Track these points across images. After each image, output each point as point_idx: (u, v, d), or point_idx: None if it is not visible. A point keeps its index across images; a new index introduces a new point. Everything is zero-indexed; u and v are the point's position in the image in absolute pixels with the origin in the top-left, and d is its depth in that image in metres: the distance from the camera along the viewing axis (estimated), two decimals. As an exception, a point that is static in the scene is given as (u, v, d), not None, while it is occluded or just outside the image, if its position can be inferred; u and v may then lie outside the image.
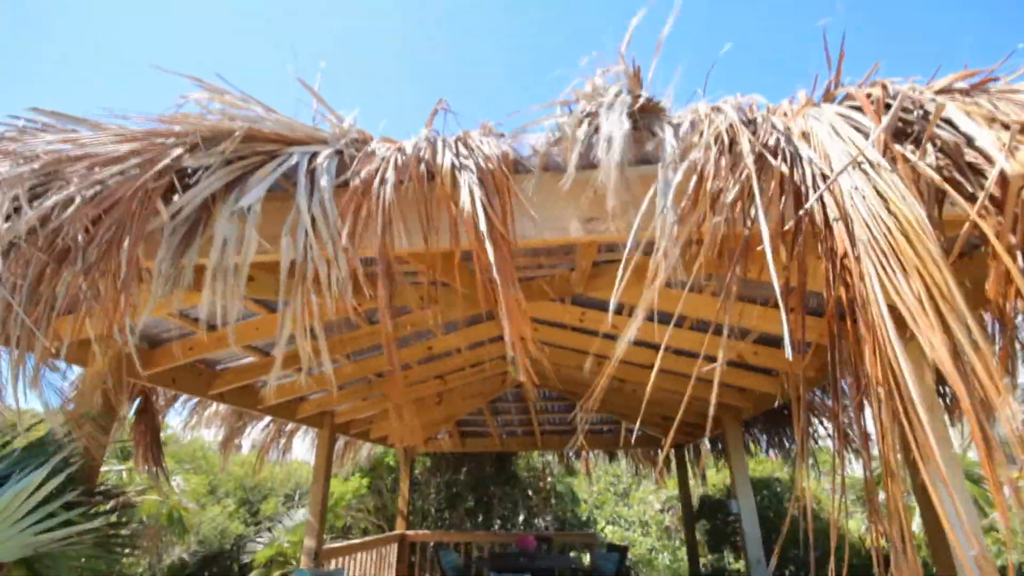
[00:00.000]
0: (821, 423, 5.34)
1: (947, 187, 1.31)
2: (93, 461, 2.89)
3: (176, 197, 1.34)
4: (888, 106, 1.24)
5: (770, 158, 1.36)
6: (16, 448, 2.60)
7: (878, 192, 1.19)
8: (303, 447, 7.27)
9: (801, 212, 1.47)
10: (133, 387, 3.96)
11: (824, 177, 1.45)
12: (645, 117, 1.41)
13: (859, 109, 1.34)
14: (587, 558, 9.53)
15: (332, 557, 6.39)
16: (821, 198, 1.42)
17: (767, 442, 6.35)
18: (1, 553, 2.24)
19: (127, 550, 3.04)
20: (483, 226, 1.26)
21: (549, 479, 11.74)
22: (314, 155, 1.44)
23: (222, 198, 1.38)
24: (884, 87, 1.34)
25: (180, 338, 3.77)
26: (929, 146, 1.23)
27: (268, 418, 6.04)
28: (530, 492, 11.54)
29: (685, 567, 10.87)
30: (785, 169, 1.35)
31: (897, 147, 1.36)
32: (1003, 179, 1.19)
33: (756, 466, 10.92)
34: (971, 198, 1.21)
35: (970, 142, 1.18)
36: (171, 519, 7.11)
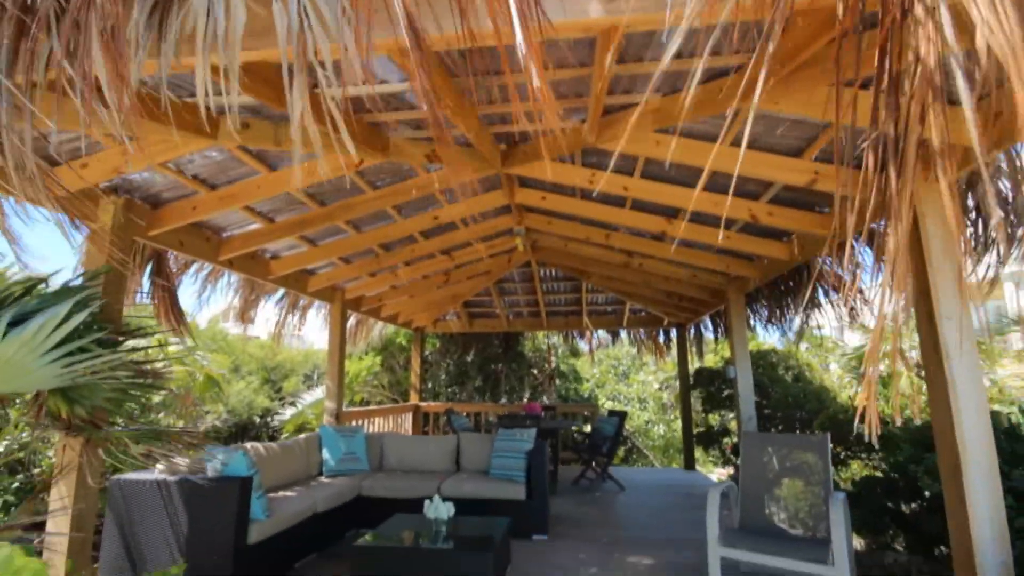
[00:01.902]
0: (827, 295, 5.39)
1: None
2: (116, 303, 2.96)
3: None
4: None
5: None
6: (39, 293, 2.64)
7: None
8: (317, 325, 7.52)
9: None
10: (143, 247, 3.97)
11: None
12: None
13: None
14: (588, 428, 10.29)
15: (351, 419, 6.89)
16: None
17: (767, 317, 6.48)
18: (35, 382, 2.37)
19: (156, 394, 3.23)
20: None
21: (553, 360, 12.31)
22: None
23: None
24: None
25: (181, 198, 3.70)
26: None
27: (281, 291, 6.17)
28: (535, 371, 12.18)
29: (679, 437, 11.79)
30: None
31: None
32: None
33: (754, 348, 11.37)
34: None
35: None
36: (207, 385, 7.55)
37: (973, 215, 3.02)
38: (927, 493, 3.46)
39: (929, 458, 3.24)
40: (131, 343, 2.83)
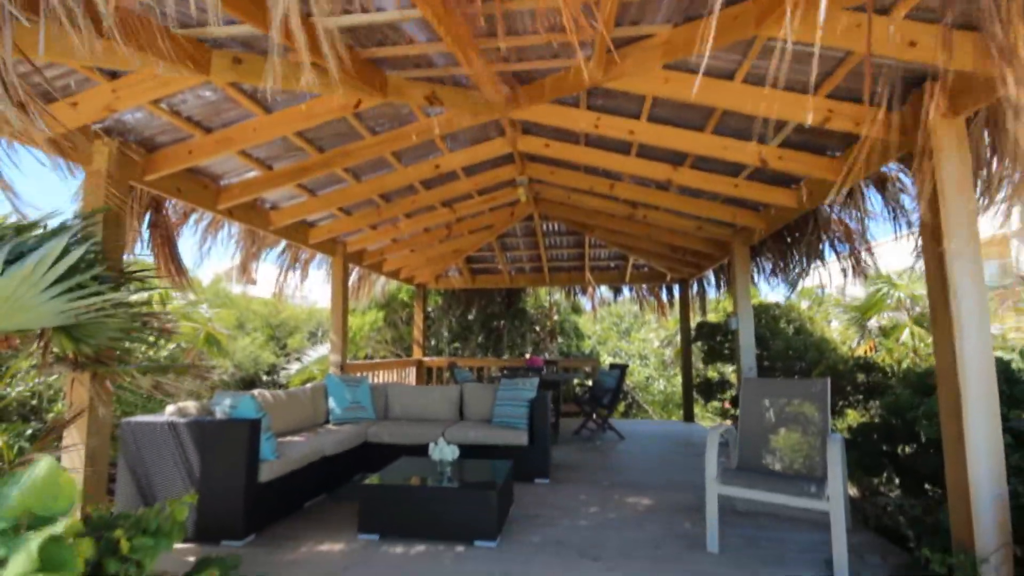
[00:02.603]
0: (832, 246, 5.32)
1: None
2: (115, 244, 2.94)
3: None
4: None
5: None
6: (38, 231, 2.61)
7: None
8: (320, 280, 7.47)
9: None
10: (140, 195, 3.91)
11: None
12: None
13: None
14: (589, 383, 10.43)
15: (356, 371, 6.98)
16: None
17: (771, 270, 6.44)
18: (38, 318, 2.37)
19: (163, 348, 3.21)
20: None
21: (555, 316, 12.37)
22: None
23: None
24: None
25: (176, 142, 3.61)
26: None
27: (282, 244, 6.14)
28: (537, 328, 12.26)
29: (678, 392, 11.98)
30: None
31: None
32: None
33: (756, 304, 11.39)
34: None
35: None
36: (209, 341, 7.66)
37: (989, 153, 2.93)
38: (923, 438, 3.51)
39: (928, 402, 3.27)
40: (136, 294, 2.82)
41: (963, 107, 2.50)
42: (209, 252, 5.52)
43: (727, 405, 8.16)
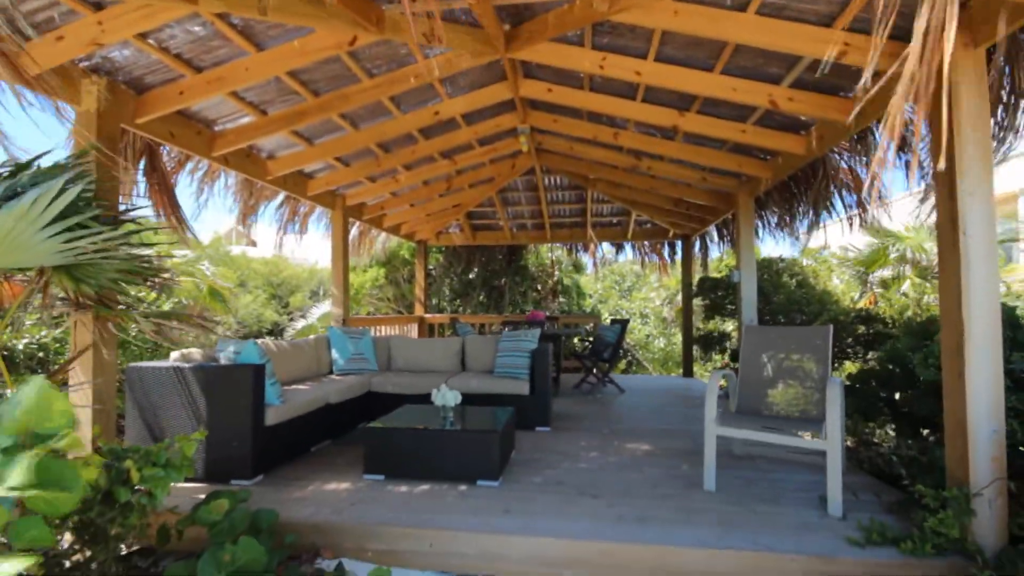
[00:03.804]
0: (839, 194, 5.23)
1: None
2: (110, 185, 2.88)
3: None
4: None
5: None
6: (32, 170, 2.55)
7: None
8: (319, 236, 7.40)
9: None
10: (134, 141, 3.82)
11: None
12: None
13: None
14: (591, 340, 10.50)
15: (358, 326, 7.02)
16: None
17: (777, 222, 6.36)
18: (36, 257, 2.34)
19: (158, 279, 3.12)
20: None
21: (556, 274, 12.35)
22: None
23: None
24: None
25: (166, 83, 3.49)
26: None
27: (280, 196, 6.05)
28: (538, 286, 12.26)
29: (678, 350, 12.08)
30: None
31: None
32: None
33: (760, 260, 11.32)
34: None
35: None
36: (212, 296, 7.67)
37: (1008, 90, 2.82)
38: (920, 383, 3.53)
39: (928, 347, 3.27)
40: (134, 235, 2.78)
41: (984, 38, 2.39)
42: (206, 203, 5.42)
43: (726, 361, 8.23)
